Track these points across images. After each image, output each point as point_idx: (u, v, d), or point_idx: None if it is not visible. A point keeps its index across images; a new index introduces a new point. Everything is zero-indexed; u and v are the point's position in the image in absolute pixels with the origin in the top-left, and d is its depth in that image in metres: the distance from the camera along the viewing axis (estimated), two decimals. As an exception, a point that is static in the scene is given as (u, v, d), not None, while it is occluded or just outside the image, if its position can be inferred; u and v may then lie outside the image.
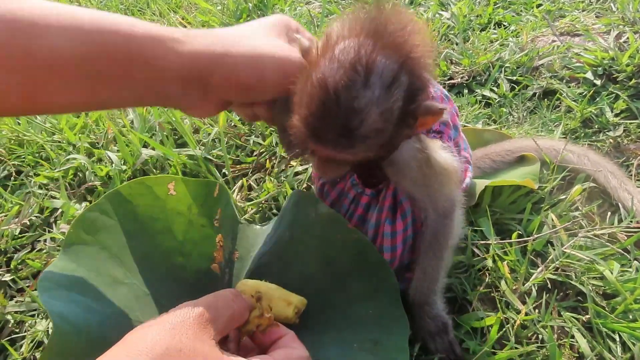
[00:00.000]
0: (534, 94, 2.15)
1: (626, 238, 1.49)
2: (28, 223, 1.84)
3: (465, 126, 1.96)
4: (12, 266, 1.69)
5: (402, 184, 1.24)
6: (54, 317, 1.15)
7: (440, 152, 1.18)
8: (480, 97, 2.20)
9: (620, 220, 1.55)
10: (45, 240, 1.77)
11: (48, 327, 1.49)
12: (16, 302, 1.57)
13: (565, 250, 1.44)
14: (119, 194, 1.45)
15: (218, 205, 1.53)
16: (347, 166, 1.10)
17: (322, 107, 0.93)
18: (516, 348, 1.27)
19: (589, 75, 2.11)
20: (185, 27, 3.03)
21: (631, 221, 1.52)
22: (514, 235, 1.49)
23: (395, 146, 1.08)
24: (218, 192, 1.53)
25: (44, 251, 1.71)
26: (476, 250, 1.49)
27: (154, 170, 1.98)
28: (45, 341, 1.47)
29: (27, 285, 1.62)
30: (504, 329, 1.32)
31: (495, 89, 2.23)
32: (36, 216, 1.85)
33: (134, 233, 1.44)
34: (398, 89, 0.94)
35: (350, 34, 0.98)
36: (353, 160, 1.05)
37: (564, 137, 1.92)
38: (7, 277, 1.66)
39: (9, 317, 1.54)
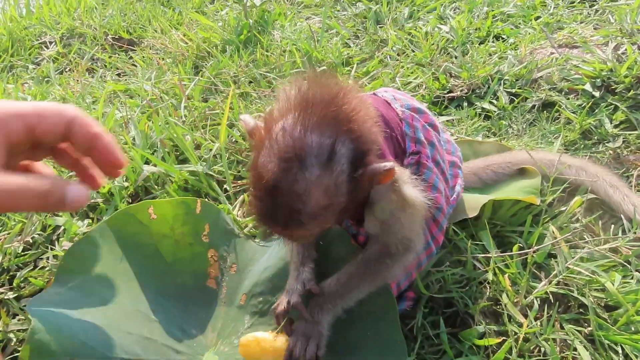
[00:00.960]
0: (533, 106, 2.16)
1: (629, 250, 1.49)
2: (30, 241, 1.85)
3: (463, 139, 1.97)
4: (14, 284, 1.70)
5: (370, 221, 1.22)
6: (34, 317, 1.20)
7: (409, 188, 1.16)
8: (480, 110, 2.21)
9: (623, 232, 1.55)
10: (47, 258, 1.78)
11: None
12: (18, 320, 1.58)
13: (569, 266, 1.43)
14: (106, 226, 1.51)
15: (204, 221, 1.57)
16: (314, 235, 1.10)
17: (267, 194, 0.96)
18: (518, 362, 1.27)
19: (588, 86, 2.12)
20: (186, 44, 3.06)
21: (635, 232, 1.52)
22: (515, 247, 1.49)
23: (360, 203, 1.10)
24: (201, 209, 1.57)
25: (47, 269, 1.72)
26: (477, 264, 1.49)
27: (156, 186, 1.99)
28: None
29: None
30: (507, 342, 1.32)
31: (494, 101, 2.24)
32: (38, 234, 1.86)
33: (123, 260, 1.48)
34: (338, 163, 0.96)
35: (284, 113, 1.00)
36: (311, 234, 1.06)
37: (564, 149, 1.93)
38: (10, 295, 1.67)
39: (11, 335, 1.54)
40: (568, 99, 2.13)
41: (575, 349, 1.30)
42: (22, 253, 1.81)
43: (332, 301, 1.27)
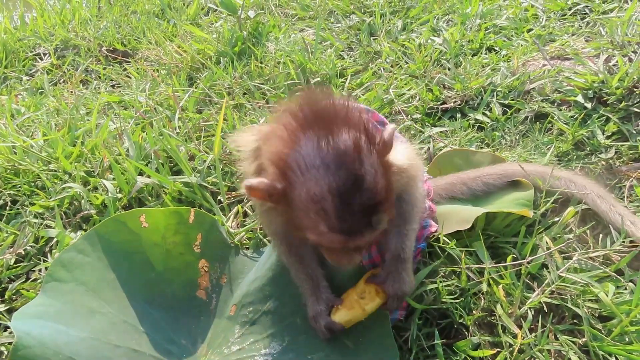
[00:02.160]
0: (526, 118, 2.17)
1: (620, 259, 1.50)
2: (23, 253, 1.84)
3: (456, 149, 1.98)
4: (6, 297, 1.69)
5: None
6: (18, 333, 1.19)
7: (401, 153, 1.27)
8: (473, 121, 2.23)
9: (612, 242, 1.55)
10: (40, 270, 1.77)
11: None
12: (10, 333, 1.56)
13: (561, 274, 1.44)
14: (95, 233, 1.50)
15: (197, 230, 1.57)
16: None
17: (341, 209, 1.02)
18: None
19: (580, 98, 2.13)
20: (181, 55, 3.07)
21: (623, 242, 1.53)
22: (509, 258, 1.49)
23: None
24: (194, 219, 1.57)
25: (39, 281, 1.71)
26: (471, 275, 1.49)
27: (150, 198, 1.99)
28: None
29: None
30: (501, 354, 1.32)
31: (487, 112, 2.25)
32: (31, 246, 1.85)
33: (112, 268, 1.48)
34: (366, 149, 1.07)
35: (291, 142, 1.08)
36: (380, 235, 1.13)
37: (557, 160, 1.94)
38: (2, 308, 1.66)
39: (2, 348, 1.53)
40: (560, 110, 2.15)
41: (569, 360, 1.30)
42: (14, 265, 1.80)
43: (398, 270, 1.34)
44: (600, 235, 1.61)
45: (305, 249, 1.44)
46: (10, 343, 1.53)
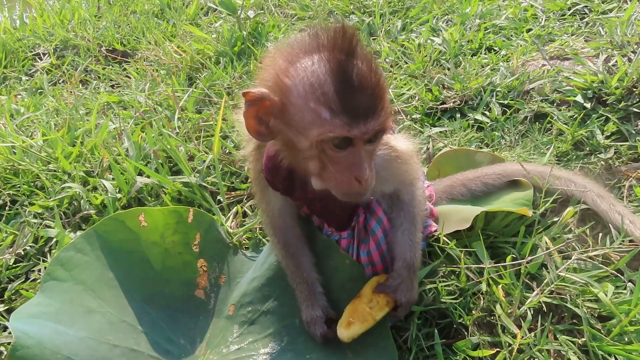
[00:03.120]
0: (526, 118, 2.17)
1: (619, 258, 1.49)
2: (22, 253, 1.83)
3: (455, 148, 1.97)
4: (5, 297, 1.69)
5: (379, 187, 1.35)
6: (16, 332, 1.19)
7: (401, 141, 1.36)
8: (473, 121, 2.22)
9: (612, 241, 1.55)
10: (39, 270, 1.77)
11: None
12: (9, 333, 1.56)
13: (560, 273, 1.44)
14: (94, 232, 1.50)
15: (196, 230, 1.57)
16: (373, 165, 1.16)
17: (342, 89, 1.02)
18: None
19: (579, 98, 2.13)
20: (180, 55, 3.07)
21: (623, 241, 1.53)
22: (508, 258, 1.49)
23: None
24: (193, 218, 1.57)
25: (38, 281, 1.71)
26: (470, 274, 1.49)
27: (149, 198, 1.99)
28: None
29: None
30: (500, 353, 1.32)
31: (487, 112, 2.25)
32: (31, 246, 1.85)
33: (110, 267, 1.48)
34: (360, 46, 1.07)
35: (292, 59, 1.09)
36: (382, 129, 1.10)
37: (557, 160, 1.94)
38: (1, 308, 1.66)
39: (1, 348, 1.53)
40: (560, 110, 2.15)
41: (569, 360, 1.30)
42: (14, 265, 1.80)
43: (410, 278, 1.36)
44: (600, 235, 1.61)
45: (302, 251, 1.44)
46: (9, 343, 1.53)
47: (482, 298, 1.46)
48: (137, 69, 3.11)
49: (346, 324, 1.29)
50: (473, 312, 1.44)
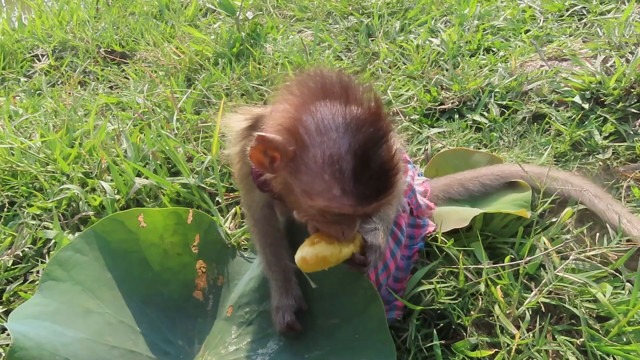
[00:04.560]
0: (524, 118, 2.17)
1: (617, 259, 1.50)
2: (21, 254, 1.83)
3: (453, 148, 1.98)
4: (4, 298, 1.68)
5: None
6: (14, 334, 1.19)
7: None
8: (471, 122, 2.23)
9: (609, 242, 1.55)
10: (37, 272, 1.77)
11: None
12: (7, 335, 1.56)
13: (558, 273, 1.44)
14: (93, 232, 1.50)
15: (195, 231, 1.57)
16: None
17: (360, 171, 1.00)
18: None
19: (577, 99, 2.14)
20: (179, 56, 3.07)
21: (620, 240, 1.53)
22: (507, 259, 1.49)
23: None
24: (192, 219, 1.57)
25: (37, 282, 1.70)
26: (469, 275, 1.49)
27: (148, 199, 1.99)
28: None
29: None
30: (499, 354, 1.32)
31: (485, 113, 2.25)
32: (29, 247, 1.84)
33: (109, 267, 1.48)
34: (382, 115, 1.04)
35: (305, 106, 1.05)
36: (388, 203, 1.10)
37: (555, 161, 1.94)
38: (-1, 310, 1.65)
39: (0, 350, 1.53)
40: (558, 111, 2.15)
41: (567, 360, 1.30)
42: (12, 267, 1.80)
43: (383, 230, 1.31)
44: (598, 235, 1.61)
45: (281, 242, 1.46)
46: (7, 345, 1.53)
47: (480, 299, 1.46)
48: (135, 70, 3.11)
49: (310, 242, 1.18)
50: (471, 312, 1.44)
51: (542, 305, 1.41)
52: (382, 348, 1.27)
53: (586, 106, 2.10)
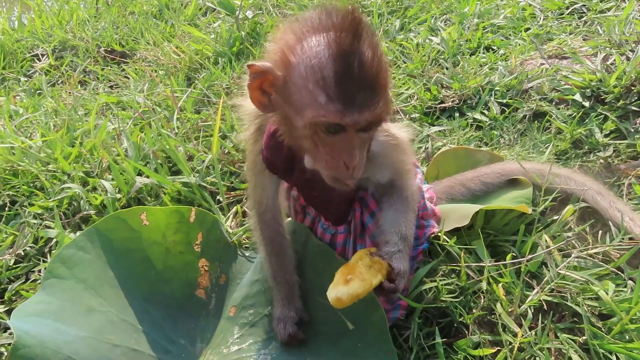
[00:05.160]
0: (524, 116, 2.17)
1: (619, 256, 1.49)
2: (22, 253, 1.83)
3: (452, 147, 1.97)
4: (5, 297, 1.68)
5: (376, 175, 1.36)
6: (17, 331, 1.18)
7: (400, 130, 1.36)
8: (472, 120, 2.22)
9: (612, 239, 1.55)
10: (39, 271, 1.76)
11: None
12: (10, 334, 1.56)
13: (559, 271, 1.43)
14: (95, 230, 1.50)
15: (198, 230, 1.57)
16: (364, 154, 1.14)
17: (341, 75, 1.01)
18: (513, 371, 1.26)
19: (578, 97, 2.13)
20: (179, 56, 3.06)
21: (622, 238, 1.52)
22: (509, 257, 1.49)
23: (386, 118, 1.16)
24: (195, 218, 1.57)
25: (38, 282, 1.70)
26: (470, 273, 1.49)
27: (149, 198, 1.98)
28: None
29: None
30: (501, 352, 1.32)
31: (486, 112, 2.25)
32: (30, 246, 1.84)
33: (111, 265, 1.48)
34: (367, 31, 1.05)
35: (301, 36, 1.07)
36: (377, 121, 1.09)
37: (556, 159, 1.93)
38: (1, 309, 1.65)
39: (2, 349, 1.52)
40: (558, 109, 2.15)
41: (570, 359, 1.29)
42: (14, 266, 1.79)
43: (406, 251, 1.31)
44: (600, 233, 1.61)
45: (287, 251, 1.45)
46: (9, 344, 1.52)
47: (482, 297, 1.46)
48: (135, 69, 3.10)
49: (344, 280, 1.18)
50: (474, 310, 1.43)
51: (544, 303, 1.41)
52: (384, 357, 1.27)
53: (587, 104, 2.10)
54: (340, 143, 1.09)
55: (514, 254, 1.52)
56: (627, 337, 1.32)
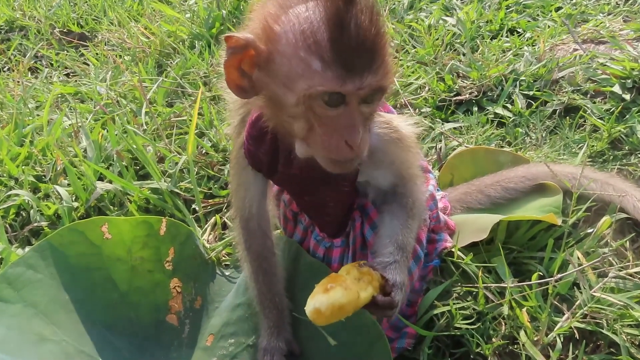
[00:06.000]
0: (554, 111, 2.19)
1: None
2: (-38, 272, 1.83)
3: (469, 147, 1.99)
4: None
5: (375, 177, 1.37)
6: None
7: (404, 123, 1.37)
8: (492, 116, 2.24)
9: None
10: (-19, 292, 1.76)
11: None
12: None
13: (594, 293, 1.44)
14: (48, 244, 1.49)
15: (169, 244, 1.57)
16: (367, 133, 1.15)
17: (337, 37, 1.02)
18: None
19: (617, 88, 2.15)
20: (148, 38, 3.07)
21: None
22: (534, 276, 1.50)
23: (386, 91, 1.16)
24: (166, 230, 1.57)
25: (-20, 305, 1.71)
26: (490, 295, 1.50)
27: (111, 207, 1.99)
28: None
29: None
30: (525, 389, 1.33)
31: (509, 105, 2.27)
32: (-29, 263, 1.84)
33: (67, 287, 1.47)
34: None
35: (284, 6, 1.08)
36: (381, 87, 1.09)
37: (590, 161, 1.95)
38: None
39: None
40: (594, 102, 2.17)
41: (605, 396, 1.31)
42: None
43: (404, 262, 1.30)
44: (642, 249, 1.62)
45: (275, 269, 1.46)
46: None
47: (503, 323, 1.47)
48: (96, 54, 3.11)
49: (324, 289, 1.14)
50: (493, 339, 1.44)
51: (575, 331, 1.42)
52: None
53: (627, 97, 2.12)
54: (340, 119, 1.09)
55: (540, 273, 1.53)
56: (672, 371, 1.34)
